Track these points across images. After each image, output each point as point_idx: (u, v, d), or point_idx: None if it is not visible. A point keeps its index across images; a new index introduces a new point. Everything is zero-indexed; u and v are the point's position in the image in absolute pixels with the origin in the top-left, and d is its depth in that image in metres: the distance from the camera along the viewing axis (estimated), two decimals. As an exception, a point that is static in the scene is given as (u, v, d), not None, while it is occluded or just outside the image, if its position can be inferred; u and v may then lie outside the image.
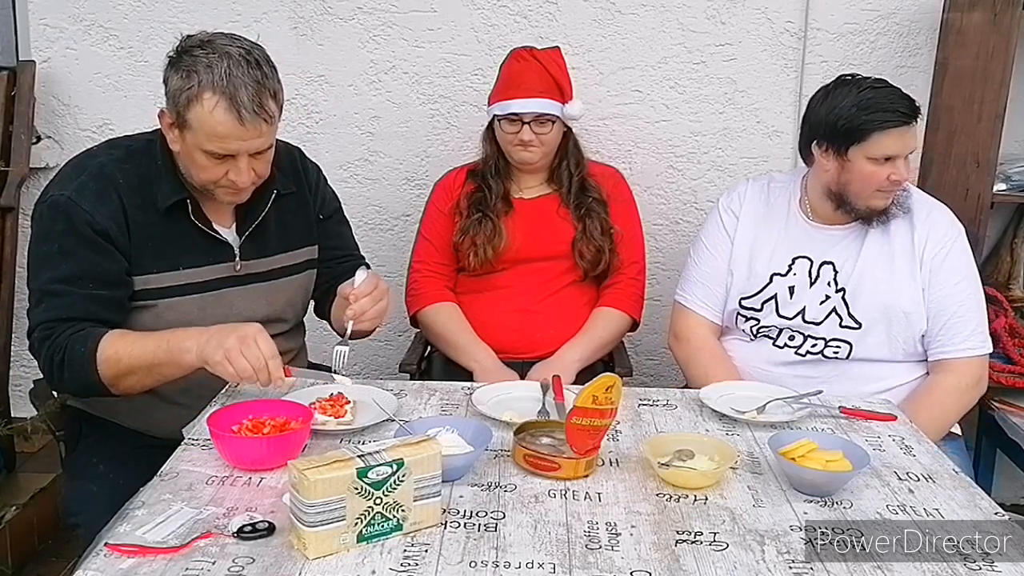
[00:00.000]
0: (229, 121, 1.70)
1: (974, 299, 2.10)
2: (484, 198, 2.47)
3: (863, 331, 2.10)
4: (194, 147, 1.75)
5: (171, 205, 1.84)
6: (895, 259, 2.10)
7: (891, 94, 2.01)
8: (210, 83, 1.69)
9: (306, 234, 2.07)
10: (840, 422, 1.81)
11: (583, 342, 2.42)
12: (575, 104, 2.45)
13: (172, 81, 1.73)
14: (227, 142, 1.73)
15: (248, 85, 1.70)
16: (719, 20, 2.91)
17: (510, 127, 2.41)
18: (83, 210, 1.76)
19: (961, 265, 2.10)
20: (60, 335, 1.74)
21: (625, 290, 2.50)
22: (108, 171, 1.82)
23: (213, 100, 1.69)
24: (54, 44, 3.00)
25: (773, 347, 2.17)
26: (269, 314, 1.97)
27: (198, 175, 1.80)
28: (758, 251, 2.20)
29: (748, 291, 2.19)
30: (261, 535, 1.30)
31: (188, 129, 1.73)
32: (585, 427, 1.49)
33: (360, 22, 2.95)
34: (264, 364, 1.63)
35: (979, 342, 2.10)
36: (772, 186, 2.26)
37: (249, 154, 1.76)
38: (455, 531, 1.33)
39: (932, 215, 2.13)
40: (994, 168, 2.59)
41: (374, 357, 3.20)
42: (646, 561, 1.27)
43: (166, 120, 1.78)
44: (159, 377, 1.76)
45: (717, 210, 2.29)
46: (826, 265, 2.13)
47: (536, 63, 2.43)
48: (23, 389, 2.78)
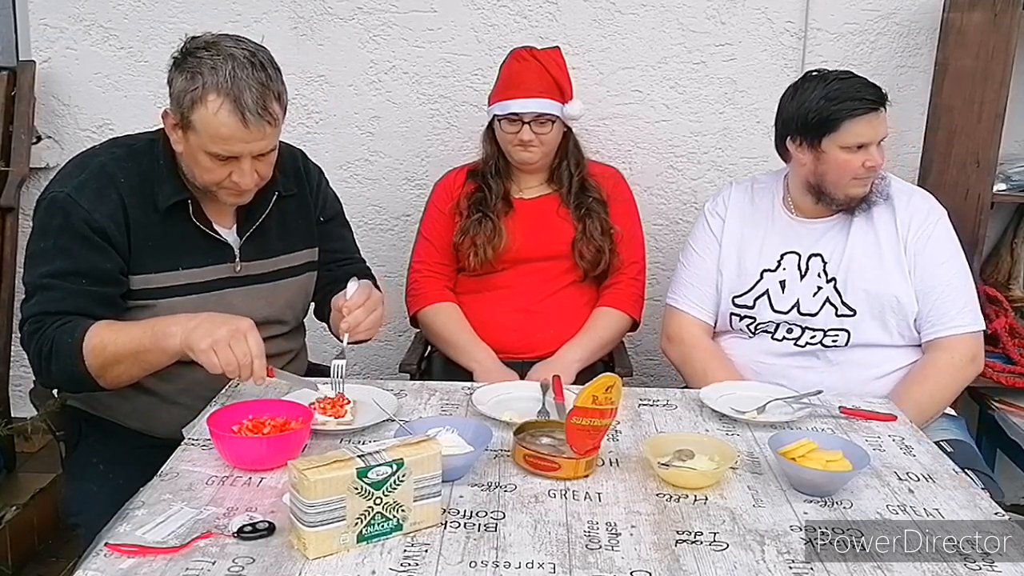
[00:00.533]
0: (233, 123, 1.70)
1: (960, 278, 2.13)
2: (484, 198, 2.47)
3: (858, 318, 2.12)
4: (197, 148, 1.75)
5: (172, 205, 1.83)
6: (881, 246, 2.12)
7: (857, 83, 2.07)
8: (214, 85, 1.68)
9: (307, 236, 2.07)
10: (840, 422, 1.81)
11: (583, 342, 2.42)
12: (575, 104, 2.45)
13: (176, 82, 1.73)
14: (231, 144, 1.72)
15: (252, 87, 1.70)
16: (719, 20, 2.91)
17: (510, 127, 2.41)
18: (81, 208, 1.76)
19: (944, 246, 2.13)
20: (49, 327, 1.74)
21: (625, 290, 2.50)
22: (109, 170, 1.82)
23: (217, 102, 1.69)
24: (54, 44, 3.00)
25: (772, 340, 2.19)
26: (269, 315, 1.96)
27: (201, 176, 1.80)
28: (746, 250, 2.23)
29: (739, 289, 2.21)
30: (261, 535, 1.30)
31: (192, 130, 1.73)
32: (585, 427, 1.49)
33: (360, 22, 2.95)
34: (250, 361, 1.61)
35: (970, 319, 2.11)
36: (756, 187, 2.30)
37: (253, 156, 1.76)
38: (455, 531, 1.33)
39: (913, 200, 2.16)
40: (994, 168, 2.60)
41: (374, 357, 3.20)
42: (646, 561, 1.27)
43: (169, 121, 1.78)
44: (145, 366, 1.75)
45: (703, 215, 2.33)
46: (815, 257, 2.16)
47: (536, 63, 2.43)
48: (23, 389, 2.78)
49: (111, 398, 1.90)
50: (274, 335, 1.99)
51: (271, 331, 1.98)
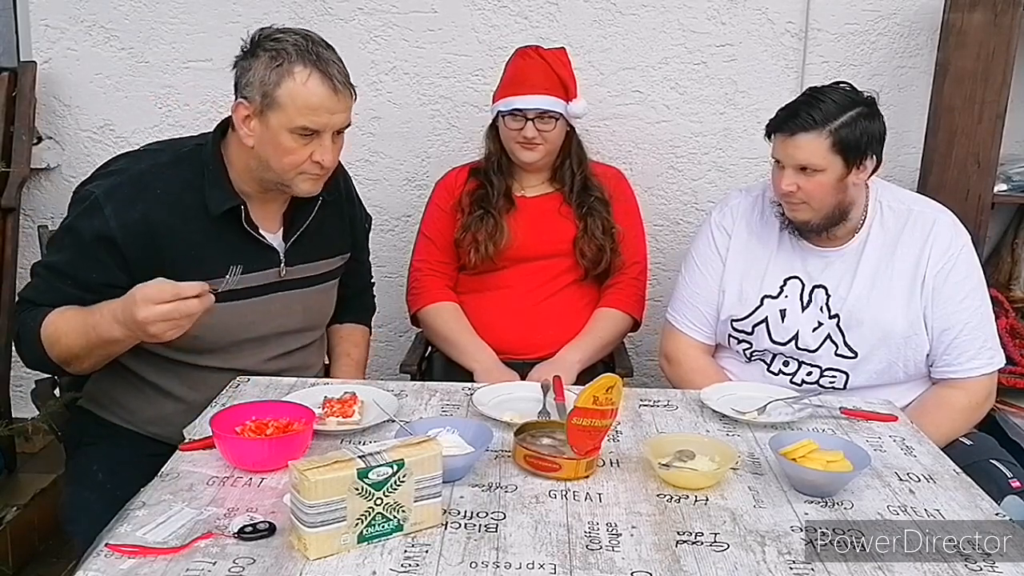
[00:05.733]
0: (323, 92, 1.74)
1: (980, 314, 2.04)
2: (486, 195, 2.47)
3: (859, 360, 2.05)
4: (280, 129, 1.76)
5: (223, 215, 1.83)
6: (893, 280, 2.03)
7: (807, 97, 1.98)
8: (300, 58, 1.74)
9: (342, 242, 2.10)
10: (841, 422, 1.81)
11: (585, 343, 2.42)
12: (579, 102, 2.45)
13: (255, 67, 1.76)
14: (319, 115, 1.75)
15: (335, 61, 1.78)
16: (720, 21, 2.91)
17: (514, 123, 2.41)
18: (101, 213, 1.76)
19: (965, 279, 2.03)
20: (25, 311, 1.79)
21: (627, 290, 2.50)
22: (146, 180, 1.82)
23: (306, 72, 1.74)
24: (55, 45, 3.00)
25: (768, 373, 2.13)
26: (304, 321, 2.00)
27: (280, 161, 1.79)
28: (749, 271, 2.15)
29: (739, 313, 2.14)
30: (262, 535, 1.30)
31: (275, 109, 1.74)
32: (586, 427, 1.49)
33: (361, 23, 2.95)
34: (179, 314, 1.60)
35: (987, 359, 2.04)
36: (766, 198, 2.17)
37: (334, 132, 1.80)
38: (455, 532, 1.33)
39: (936, 228, 2.04)
40: (995, 169, 2.60)
41: (374, 358, 3.18)
42: (647, 562, 1.27)
43: (242, 112, 1.78)
44: (104, 356, 1.77)
45: (709, 226, 2.24)
46: (818, 289, 2.08)
47: (541, 61, 2.44)
48: (24, 389, 2.77)
49: (132, 402, 1.91)
50: (305, 344, 2.03)
51: (303, 340, 2.02)
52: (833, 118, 1.93)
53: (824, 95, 1.96)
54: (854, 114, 1.94)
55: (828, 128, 1.93)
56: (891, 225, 2.07)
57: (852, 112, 1.94)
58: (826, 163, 1.95)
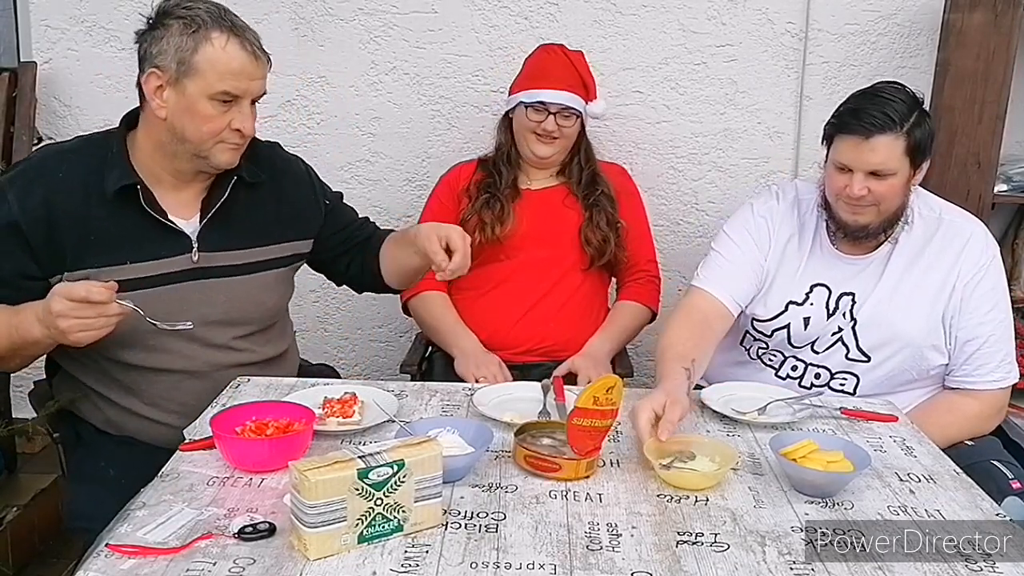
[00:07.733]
0: (243, 56, 1.72)
1: (1003, 327, 1.99)
2: (494, 183, 2.51)
3: (871, 365, 2.01)
4: (199, 95, 1.72)
5: (121, 197, 1.76)
6: (918, 287, 1.98)
7: (879, 101, 1.86)
8: (216, 24, 1.71)
9: (285, 228, 1.98)
10: (841, 423, 1.81)
11: (611, 333, 2.46)
12: (599, 103, 2.52)
13: (168, 36, 1.71)
14: (240, 79, 1.73)
15: (248, 29, 1.75)
16: (720, 21, 2.91)
17: (535, 115, 2.44)
18: (5, 199, 1.72)
19: (992, 292, 1.98)
20: None
21: (645, 286, 2.56)
22: (49, 163, 1.79)
23: (223, 38, 1.71)
24: (55, 45, 3.00)
25: (775, 378, 2.08)
26: (228, 312, 1.87)
27: (199, 129, 1.74)
28: (781, 273, 2.06)
29: (763, 316, 2.07)
30: (262, 536, 1.30)
31: (194, 75, 1.70)
32: (586, 428, 1.49)
33: (361, 23, 2.95)
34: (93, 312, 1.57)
35: (1005, 372, 2.00)
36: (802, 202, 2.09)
37: (251, 100, 1.77)
38: (456, 532, 1.33)
39: (970, 243, 1.99)
40: (995, 169, 2.60)
41: (375, 358, 3.20)
42: (647, 562, 1.27)
43: (154, 82, 1.73)
44: (28, 357, 1.76)
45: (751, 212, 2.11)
46: (845, 296, 2.01)
47: (565, 58, 2.50)
48: (24, 390, 2.77)
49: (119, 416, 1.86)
50: (239, 335, 1.91)
51: (235, 332, 1.90)
52: (906, 119, 1.84)
53: (889, 94, 1.87)
54: (919, 113, 1.87)
55: (904, 129, 1.84)
56: (919, 232, 2.01)
57: (917, 111, 1.87)
58: (899, 165, 1.87)
